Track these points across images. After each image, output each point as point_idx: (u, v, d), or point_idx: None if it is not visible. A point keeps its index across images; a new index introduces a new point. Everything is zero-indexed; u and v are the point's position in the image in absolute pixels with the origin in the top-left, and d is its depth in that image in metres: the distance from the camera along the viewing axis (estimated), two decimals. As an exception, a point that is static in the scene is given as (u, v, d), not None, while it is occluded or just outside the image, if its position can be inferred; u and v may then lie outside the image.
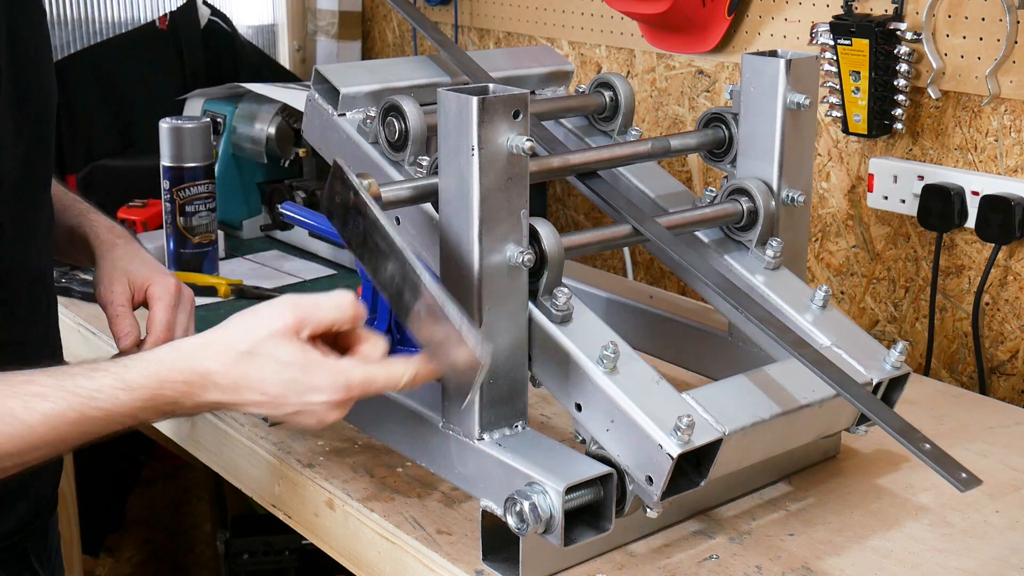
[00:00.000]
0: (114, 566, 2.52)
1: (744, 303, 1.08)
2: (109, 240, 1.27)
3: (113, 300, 1.22)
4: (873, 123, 1.57)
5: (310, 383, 0.93)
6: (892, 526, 1.13)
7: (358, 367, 0.94)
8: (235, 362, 0.94)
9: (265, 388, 0.93)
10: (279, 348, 0.93)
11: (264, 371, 0.93)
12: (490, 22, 2.19)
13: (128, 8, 2.37)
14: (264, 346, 0.94)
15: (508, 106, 0.98)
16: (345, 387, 0.94)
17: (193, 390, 0.94)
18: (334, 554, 1.21)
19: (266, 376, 0.93)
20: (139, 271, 1.24)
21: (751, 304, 1.09)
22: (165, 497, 2.57)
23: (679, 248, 1.13)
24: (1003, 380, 1.55)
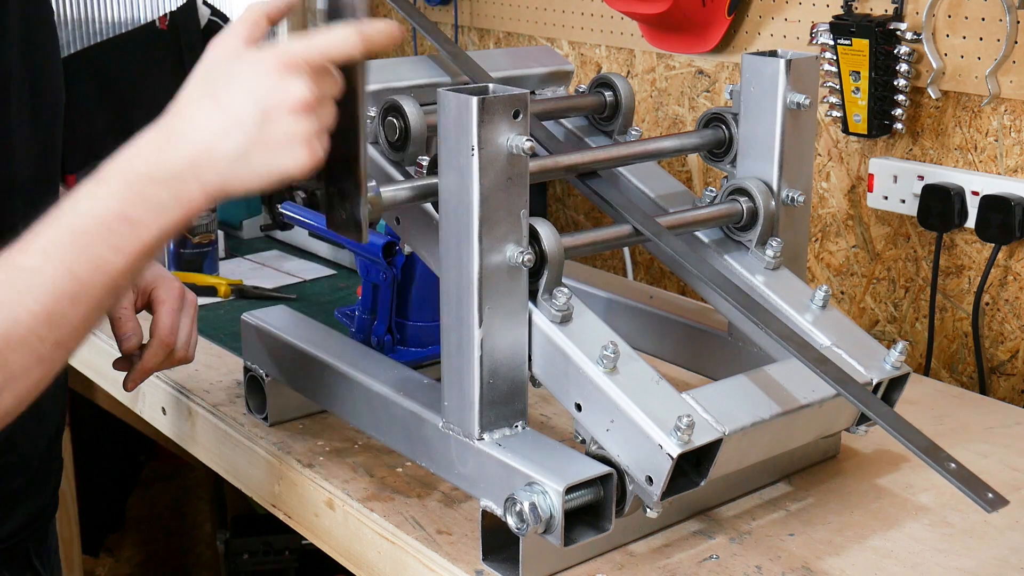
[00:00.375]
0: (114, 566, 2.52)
1: (744, 303, 1.08)
2: None
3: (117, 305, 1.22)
4: (873, 123, 1.57)
5: (250, 63, 0.85)
6: (892, 526, 1.13)
7: (295, 39, 0.87)
8: (188, 97, 0.87)
9: (217, 98, 0.86)
10: (218, 65, 0.87)
11: (210, 84, 0.87)
12: (490, 22, 2.19)
13: (128, 8, 2.37)
14: (205, 72, 0.88)
15: (508, 106, 0.98)
16: (287, 50, 0.85)
17: (160, 148, 0.86)
18: (334, 554, 1.21)
19: (213, 87, 0.86)
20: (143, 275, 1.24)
21: (751, 304, 1.09)
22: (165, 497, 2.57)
23: (679, 248, 1.13)
24: (1003, 380, 1.55)
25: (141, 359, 1.21)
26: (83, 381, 1.65)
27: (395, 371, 1.19)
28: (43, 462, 1.21)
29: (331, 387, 1.22)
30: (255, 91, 0.85)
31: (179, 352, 1.22)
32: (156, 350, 1.21)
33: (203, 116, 0.86)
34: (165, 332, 1.21)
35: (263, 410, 1.32)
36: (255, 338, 1.32)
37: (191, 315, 1.25)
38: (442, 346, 1.06)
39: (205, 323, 1.65)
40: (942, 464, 0.92)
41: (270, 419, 1.32)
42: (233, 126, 0.85)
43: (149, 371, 1.22)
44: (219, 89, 0.86)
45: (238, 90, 0.85)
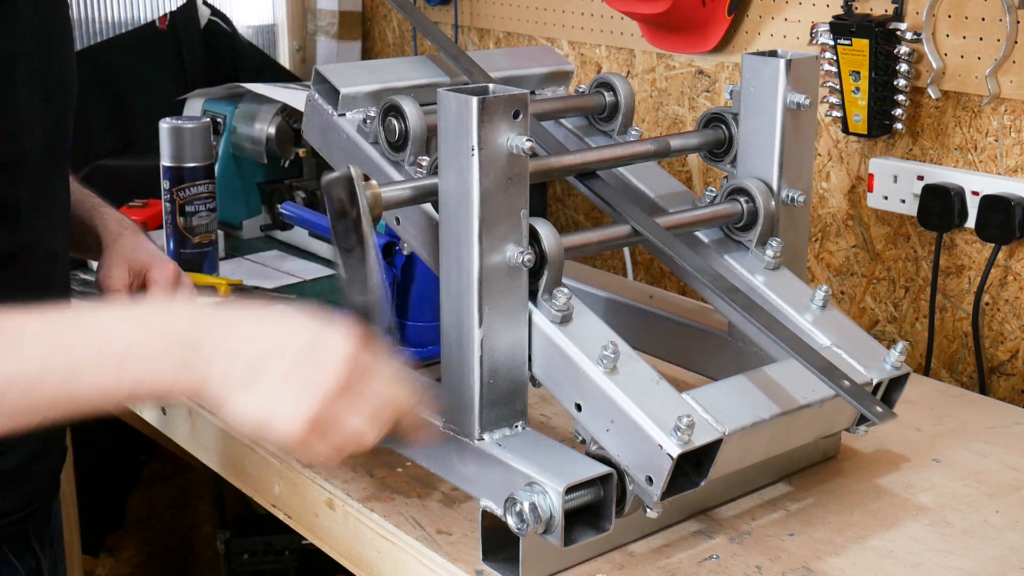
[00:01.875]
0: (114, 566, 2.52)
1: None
2: (116, 231, 1.30)
3: (110, 285, 1.23)
4: (873, 123, 1.57)
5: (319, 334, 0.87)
6: (892, 526, 1.13)
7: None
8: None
9: (262, 337, 0.85)
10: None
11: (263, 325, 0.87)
12: (490, 22, 2.19)
13: (128, 8, 2.37)
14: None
15: (508, 106, 0.98)
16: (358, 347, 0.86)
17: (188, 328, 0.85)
18: (334, 554, 1.21)
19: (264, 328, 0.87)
20: (140, 258, 1.26)
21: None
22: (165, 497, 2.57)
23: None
24: (1003, 380, 1.55)
25: None
26: (83, 381, 1.64)
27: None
28: (44, 442, 1.21)
29: (331, 387, 1.21)
30: (317, 338, 0.86)
31: None
32: None
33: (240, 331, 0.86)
34: None
35: (263, 410, 1.32)
36: (255, 338, 1.32)
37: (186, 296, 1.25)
38: (442, 346, 1.06)
39: (205, 323, 1.65)
40: (837, 382, 1.02)
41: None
42: (266, 354, 0.85)
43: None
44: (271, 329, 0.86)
45: (295, 340, 0.86)
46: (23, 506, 1.19)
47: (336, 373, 0.85)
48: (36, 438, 1.19)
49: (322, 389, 0.85)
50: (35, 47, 1.09)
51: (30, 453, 1.18)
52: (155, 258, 1.26)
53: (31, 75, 1.08)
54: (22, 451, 1.17)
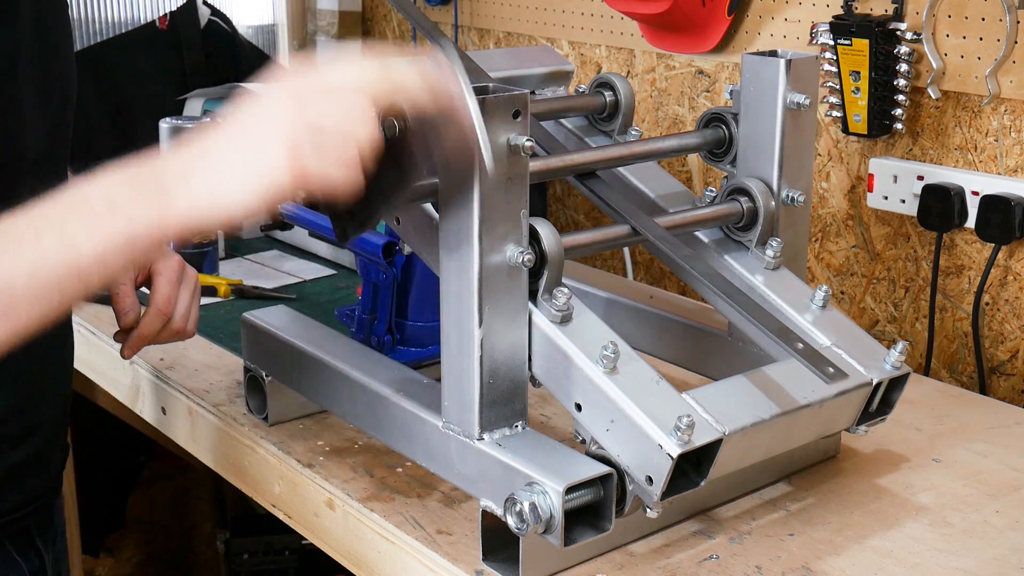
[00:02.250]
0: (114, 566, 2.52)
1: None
2: None
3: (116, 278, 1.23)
4: (873, 123, 1.57)
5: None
6: (892, 526, 1.13)
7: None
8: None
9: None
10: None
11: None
12: (490, 22, 2.19)
13: (128, 8, 2.37)
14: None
15: (508, 106, 0.98)
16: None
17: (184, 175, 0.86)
18: (334, 554, 1.21)
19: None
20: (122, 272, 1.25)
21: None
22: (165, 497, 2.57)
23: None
24: (1003, 380, 1.55)
25: (138, 327, 1.21)
26: (83, 381, 1.65)
27: (395, 371, 1.19)
28: (47, 439, 1.21)
29: (331, 387, 1.22)
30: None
31: (177, 322, 1.23)
32: (153, 318, 1.21)
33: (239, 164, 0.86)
34: (162, 301, 1.21)
35: (263, 410, 1.32)
36: (255, 338, 1.32)
37: (191, 289, 1.26)
38: (442, 346, 1.06)
39: (205, 323, 1.65)
40: (791, 345, 1.04)
41: (270, 419, 1.32)
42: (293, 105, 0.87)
43: (146, 338, 1.22)
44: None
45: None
46: (26, 503, 1.19)
47: (284, 107, 0.87)
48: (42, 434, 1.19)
49: (280, 121, 0.86)
50: (37, 46, 1.09)
51: (34, 450, 1.18)
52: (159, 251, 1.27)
53: (33, 74, 1.08)
54: (26, 448, 1.17)
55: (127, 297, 1.23)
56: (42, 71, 1.10)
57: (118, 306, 1.23)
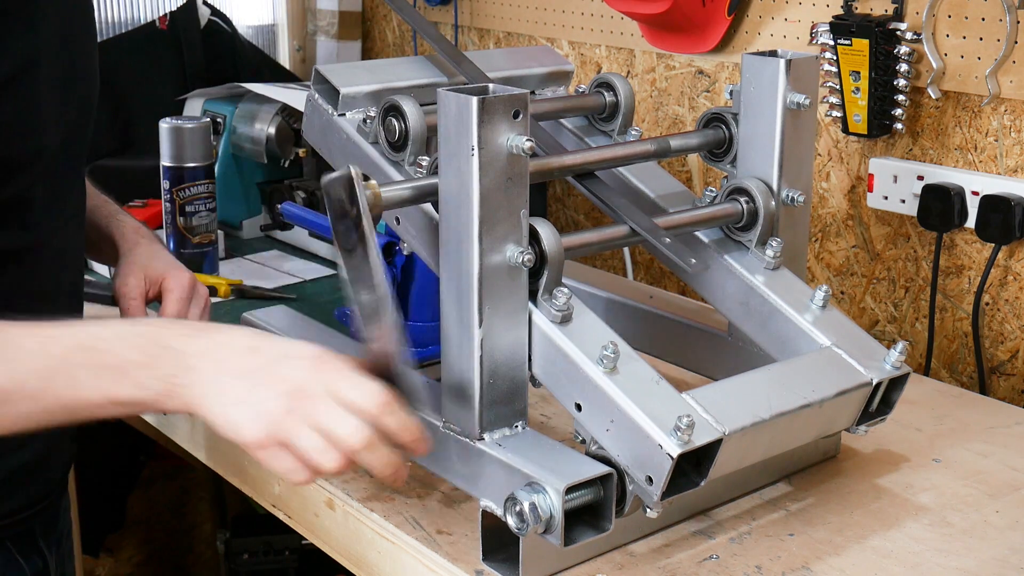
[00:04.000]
0: (114, 566, 2.52)
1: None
2: (133, 239, 1.31)
3: (127, 293, 1.24)
4: (873, 123, 1.57)
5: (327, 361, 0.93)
6: (892, 526, 1.13)
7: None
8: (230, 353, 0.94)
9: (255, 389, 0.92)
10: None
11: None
12: (490, 22, 2.19)
13: (128, 8, 2.37)
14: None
15: (508, 106, 0.98)
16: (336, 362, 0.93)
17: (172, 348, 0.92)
18: (334, 554, 1.21)
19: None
20: (156, 266, 1.27)
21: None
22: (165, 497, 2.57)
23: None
24: (1003, 380, 1.55)
25: None
26: (83, 381, 1.64)
27: (395, 371, 1.18)
28: (53, 441, 1.21)
29: (331, 387, 1.21)
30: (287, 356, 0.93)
31: None
32: None
33: (231, 398, 0.91)
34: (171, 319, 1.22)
35: (263, 410, 1.32)
36: (255, 338, 1.32)
37: (201, 306, 1.26)
38: (442, 346, 1.06)
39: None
40: (659, 239, 1.11)
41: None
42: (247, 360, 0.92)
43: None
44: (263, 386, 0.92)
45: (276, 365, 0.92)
46: (31, 504, 1.19)
47: (290, 387, 0.91)
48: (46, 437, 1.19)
49: (276, 400, 0.90)
50: (59, 49, 1.09)
51: (40, 452, 1.18)
52: (171, 267, 1.27)
53: (54, 77, 1.09)
54: (32, 449, 1.17)
55: (137, 312, 1.24)
56: (64, 74, 1.11)
57: None
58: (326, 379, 0.91)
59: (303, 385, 0.91)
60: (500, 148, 0.98)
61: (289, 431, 0.90)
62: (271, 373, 0.91)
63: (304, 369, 0.92)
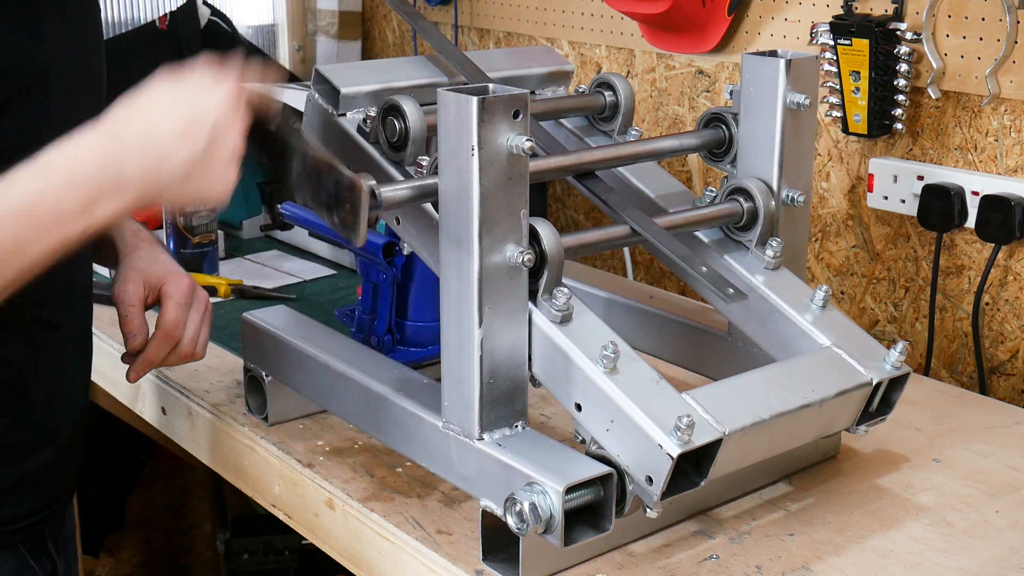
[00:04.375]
0: (114, 566, 2.52)
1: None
2: (133, 243, 1.30)
3: (125, 299, 1.24)
4: (873, 123, 1.57)
5: (207, 85, 0.95)
6: (892, 526, 1.13)
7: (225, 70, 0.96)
8: (138, 107, 0.96)
9: (175, 108, 0.94)
10: (168, 83, 0.97)
11: (165, 97, 0.95)
12: (490, 22, 2.19)
13: (128, 8, 2.37)
14: (155, 89, 0.97)
15: (508, 106, 0.98)
16: (234, 80, 0.95)
17: (112, 153, 0.93)
18: (334, 554, 1.21)
19: (169, 99, 0.95)
20: (155, 271, 1.26)
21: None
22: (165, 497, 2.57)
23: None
24: (1003, 380, 1.55)
25: (145, 351, 1.22)
26: (83, 381, 1.64)
27: (395, 371, 1.19)
28: (65, 444, 1.21)
29: (331, 387, 1.22)
30: (213, 110, 0.94)
31: (185, 347, 1.23)
32: (160, 342, 1.22)
33: (160, 122, 0.93)
34: (169, 325, 1.22)
35: (263, 410, 1.32)
36: (255, 338, 1.32)
37: (201, 312, 1.26)
38: (442, 346, 1.06)
39: (205, 323, 1.65)
40: (695, 268, 1.09)
41: (270, 419, 1.32)
42: (187, 137, 0.93)
43: (152, 363, 1.23)
44: (176, 100, 0.94)
45: (197, 104, 0.94)
46: (44, 508, 1.19)
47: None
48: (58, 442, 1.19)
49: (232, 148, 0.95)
50: (69, 59, 1.10)
51: (53, 456, 1.19)
52: (170, 272, 1.27)
53: (64, 84, 1.09)
54: (43, 455, 1.17)
55: (135, 319, 1.23)
56: (74, 80, 1.11)
57: (126, 328, 1.23)
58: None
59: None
60: (500, 148, 0.98)
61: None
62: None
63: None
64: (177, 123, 0.93)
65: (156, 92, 0.95)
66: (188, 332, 1.23)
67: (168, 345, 1.22)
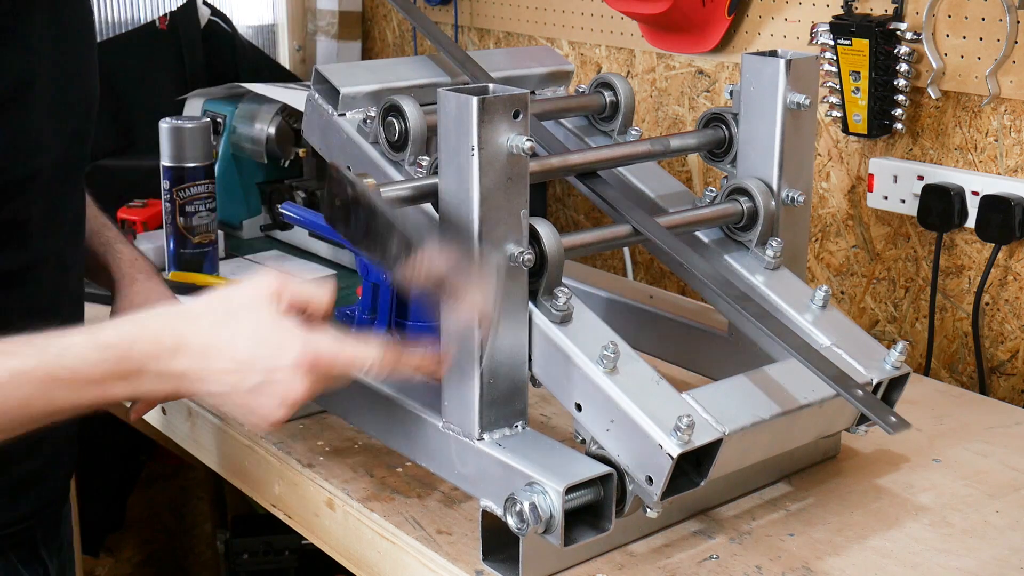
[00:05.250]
0: (114, 566, 2.52)
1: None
2: (129, 275, 1.30)
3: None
4: (873, 123, 1.57)
5: (279, 342, 0.93)
6: (892, 526, 1.13)
7: (328, 337, 0.94)
8: (210, 326, 0.93)
9: (235, 351, 0.92)
10: (255, 313, 0.93)
11: (237, 334, 0.93)
12: (490, 22, 2.19)
13: (128, 8, 2.37)
14: (241, 311, 0.94)
15: (508, 106, 0.98)
16: (314, 351, 0.93)
17: (162, 352, 0.92)
18: (334, 554, 1.21)
19: (238, 338, 0.93)
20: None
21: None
22: (165, 497, 2.57)
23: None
24: (1003, 380, 1.55)
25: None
26: (83, 381, 1.64)
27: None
28: (56, 448, 1.21)
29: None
30: (269, 372, 0.92)
31: None
32: None
33: (215, 351, 0.93)
34: None
35: (263, 410, 1.32)
36: (255, 338, 1.32)
37: None
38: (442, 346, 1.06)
39: (205, 323, 1.65)
40: (850, 391, 1.02)
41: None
42: (232, 377, 0.93)
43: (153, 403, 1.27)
44: (243, 340, 0.93)
45: (257, 356, 0.93)
46: (34, 513, 1.19)
47: (294, 393, 0.94)
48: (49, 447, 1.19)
49: (287, 400, 0.94)
50: (55, 69, 1.08)
51: (44, 461, 1.18)
52: None
53: (50, 96, 1.08)
54: (35, 459, 1.16)
55: None
56: (60, 91, 1.10)
57: None
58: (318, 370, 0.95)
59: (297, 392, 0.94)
60: (500, 148, 0.98)
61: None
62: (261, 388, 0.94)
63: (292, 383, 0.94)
64: (230, 362, 0.93)
65: (235, 315, 0.94)
66: None
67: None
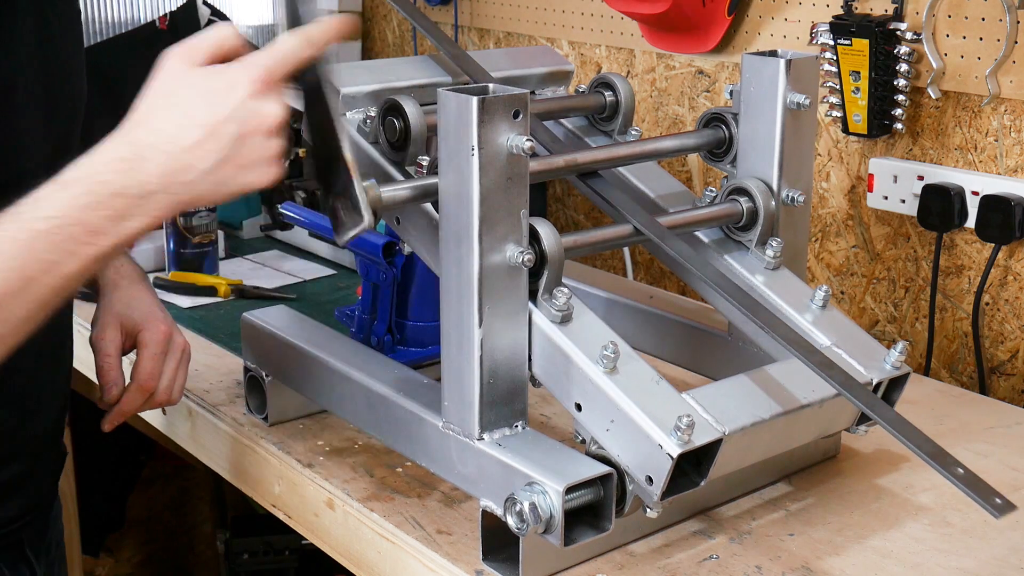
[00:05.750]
0: (114, 566, 2.52)
1: (746, 303, 1.08)
2: (113, 280, 1.28)
3: (102, 348, 1.22)
4: (873, 123, 1.57)
5: (224, 84, 0.89)
6: (892, 526, 1.13)
7: (259, 53, 0.91)
8: (158, 117, 0.90)
9: (194, 118, 0.88)
10: (184, 80, 0.90)
11: (184, 105, 0.89)
12: (490, 22, 2.19)
13: (128, 8, 2.37)
14: (174, 89, 0.90)
15: (508, 106, 0.98)
16: (258, 68, 0.89)
17: (131, 165, 0.89)
18: (334, 554, 1.21)
19: (188, 108, 0.89)
20: (132, 316, 1.25)
21: (753, 305, 1.09)
22: (165, 497, 2.57)
23: (680, 248, 1.13)
24: (1003, 380, 1.55)
25: (120, 403, 1.22)
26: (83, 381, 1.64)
27: (395, 371, 1.19)
28: (40, 452, 1.20)
29: (331, 387, 1.22)
30: (235, 112, 0.88)
31: (160, 396, 1.23)
32: (134, 395, 1.22)
33: (178, 131, 0.89)
34: (144, 377, 1.22)
35: (263, 410, 1.32)
36: (255, 338, 1.32)
37: (177, 358, 1.24)
38: (442, 346, 1.06)
39: (205, 323, 1.65)
40: (950, 469, 0.91)
41: (270, 419, 1.32)
42: (210, 143, 0.88)
43: (127, 414, 1.23)
44: (194, 105, 0.89)
45: (217, 108, 0.88)
46: (19, 516, 1.18)
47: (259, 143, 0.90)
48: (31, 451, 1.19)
49: (272, 127, 0.90)
50: (39, 69, 1.08)
51: (26, 465, 1.18)
52: (148, 317, 1.24)
53: (35, 97, 1.07)
54: (17, 464, 1.16)
55: (112, 371, 1.22)
56: (45, 92, 1.09)
57: (102, 379, 1.22)
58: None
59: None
60: (500, 148, 0.98)
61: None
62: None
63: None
64: (197, 130, 0.88)
65: (171, 94, 0.90)
66: (163, 382, 1.23)
67: (143, 396, 1.22)
